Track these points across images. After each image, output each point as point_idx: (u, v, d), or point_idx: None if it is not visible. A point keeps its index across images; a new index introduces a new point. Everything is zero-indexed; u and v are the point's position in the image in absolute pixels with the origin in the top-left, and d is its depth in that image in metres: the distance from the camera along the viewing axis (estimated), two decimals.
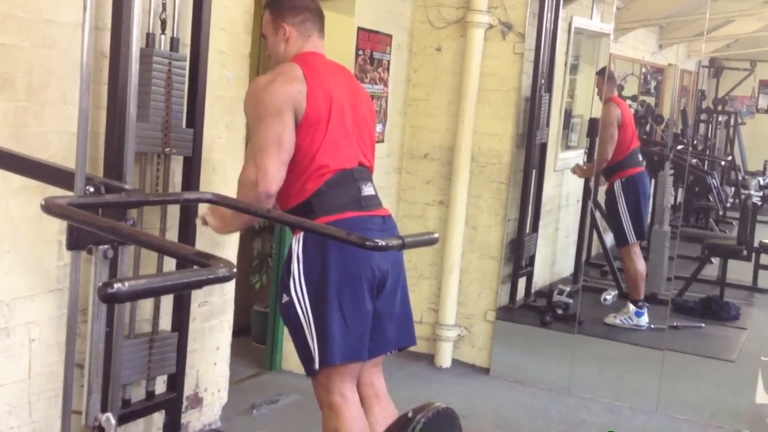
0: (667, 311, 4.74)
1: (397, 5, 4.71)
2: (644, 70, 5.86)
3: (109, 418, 2.18)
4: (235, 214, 2.73)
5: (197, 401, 3.52)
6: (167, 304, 3.15)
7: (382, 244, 2.20)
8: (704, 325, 5.01)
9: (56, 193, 2.20)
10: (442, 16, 4.78)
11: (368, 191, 2.74)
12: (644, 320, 4.95)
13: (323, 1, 3.00)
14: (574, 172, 5.28)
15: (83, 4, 2.17)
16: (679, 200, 5.49)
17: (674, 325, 4.84)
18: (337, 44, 3.98)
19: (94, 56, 2.52)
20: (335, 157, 2.67)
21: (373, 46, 4.47)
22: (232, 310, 3.66)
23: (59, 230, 2.64)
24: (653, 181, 5.41)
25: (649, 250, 5.24)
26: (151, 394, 3.11)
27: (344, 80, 2.84)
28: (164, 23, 2.92)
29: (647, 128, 5.68)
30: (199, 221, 2.88)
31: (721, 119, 6.13)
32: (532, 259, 5.09)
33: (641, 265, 5.12)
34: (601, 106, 5.09)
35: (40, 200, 1.92)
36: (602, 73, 5.05)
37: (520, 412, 4.26)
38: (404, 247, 2.28)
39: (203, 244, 3.22)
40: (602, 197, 5.25)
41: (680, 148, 5.60)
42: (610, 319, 5.01)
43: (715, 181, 5.96)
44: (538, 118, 4.77)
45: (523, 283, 5.06)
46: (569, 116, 5.50)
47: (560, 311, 4.93)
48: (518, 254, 4.92)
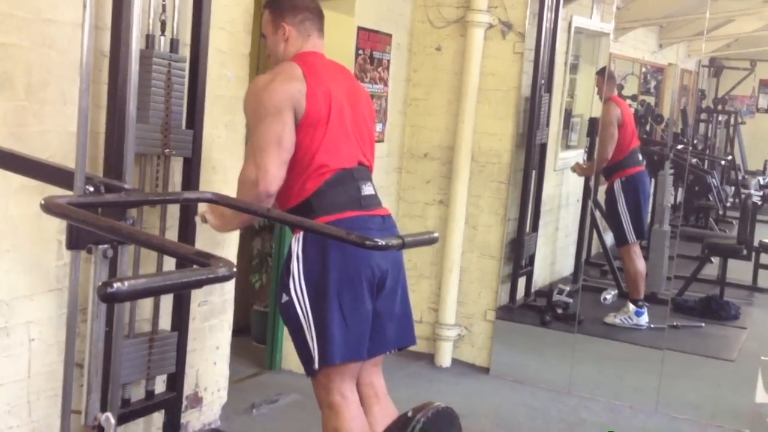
0: (666, 311, 4.73)
1: (396, 5, 4.71)
2: (644, 69, 5.86)
3: (108, 417, 2.18)
4: (234, 212, 2.73)
5: (197, 401, 3.52)
6: (167, 303, 3.15)
7: (381, 243, 2.20)
8: (704, 324, 5.01)
9: (56, 192, 2.19)
10: (442, 15, 4.78)
11: (368, 191, 2.74)
12: (644, 320, 4.94)
13: (323, 0, 3.00)
14: (573, 170, 5.28)
15: (83, 3, 2.16)
16: (679, 200, 5.48)
17: (674, 324, 4.84)
18: (337, 44, 3.98)
19: (93, 56, 2.52)
20: (335, 156, 2.67)
21: (373, 45, 4.47)
22: (231, 309, 3.66)
23: (59, 230, 2.64)
24: (653, 180, 5.41)
25: (649, 249, 5.23)
26: (150, 393, 3.11)
27: (344, 80, 2.84)
28: (164, 24, 2.93)
29: (647, 128, 5.68)
30: (198, 219, 2.88)
31: (721, 119, 6.13)
32: (532, 258, 5.09)
33: (641, 264, 5.12)
34: (601, 105, 5.09)
35: (39, 200, 1.92)
36: (602, 72, 5.04)
37: (519, 411, 4.26)
38: (404, 246, 2.28)
39: (203, 243, 3.22)
40: (602, 197, 5.25)
41: (680, 147, 5.60)
42: (609, 318, 5.01)
43: (715, 180, 5.96)
44: (538, 117, 4.77)
45: (523, 282, 5.06)
46: (569, 116, 5.50)
47: (560, 311, 4.93)
48: (518, 254, 4.92)
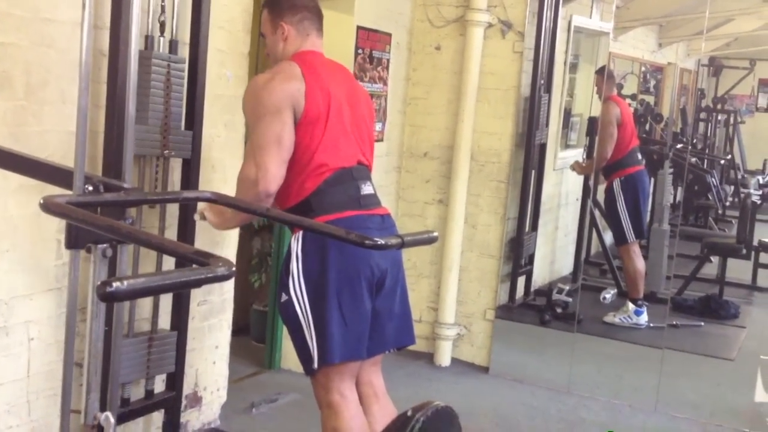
0: (666, 310, 4.74)
1: (396, 4, 4.70)
2: (644, 68, 5.86)
3: (108, 417, 2.18)
4: (234, 210, 2.73)
5: (196, 400, 3.52)
6: (166, 303, 3.15)
7: (381, 242, 2.19)
8: (703, 323, 5.01)
9: (55, 192, 2.19)
10: (441, 14, 4.78)
11: (367, 190, 2.74)
12: (643, 319, 4.95)
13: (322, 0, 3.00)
14: (573, 169, 5.28)
15: (82, 2, 2.16)
16: (678, 199, 5.49)
17: (673, 323, 4.84)
18: (336, 43, 3.98)
19: (93, 55, 2.52)
20: (334, 155, 2.67)
21: (372, 44, 4.47)
22: (231, 309, 3.66)
23: (58, 229, 2.64)
24: (653, 179, 5.40)
25: (648, 248, 5.24)
26: (150, 393, 3.11)
27: (343, 79, 2.83)
28: (163, 25, 2.93)
29: (647, 127, 5.68)
30: (197, 216, 2.88)
31: (720, 118, 6.13)
32: (531, 257, 5.09)
33: (640, 263, 5.13)
34: (600, 104, 5.09)
35: (38, 199, 1.92)
36: (601, 71, 5.04)
37: (519, 410, 4.26)
38: (403, 245, 2.28)
39: (202, 242, 3.22)
40: (602, 196, 5.25)
41: (680, 146, 5.60)
42: (609, 317, 5.01)
43: (714, 179, 5.96)
44: (537, 117, 4.77)
45: (522, 281, 5.06)
46: (569, 115, 5.50)
47: (559, 310, 4.93)
48: (517, 253, 4.92)
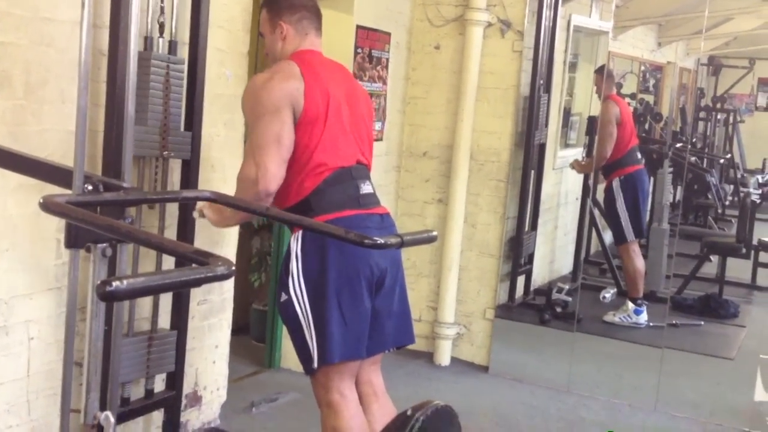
0: (666, 309, 4.74)
1: (395, 3, 4.70)
2: (643, 68, 5.86)
3: (108, 416, 2.18)
4: (233, 209, 2.73)
5: (196, 399, 3.52)
6: (166, 302, 3.15)
7: (380, 242, 2.19)
8: (703, 322, 5.00)
9: (55, 191, 2.19)
10: (440, 14, 4.78)
11: (366, 189, 2.74)
12: (643, 318, 4.95)
13: None
14: (572, 167, 5.28)
15: (81, 1, 2.16)
16: (678, 198, 5.48)
17: (673, 322, 4.84)
18: (336, 42, 3.98)
19: (92, 54, 2.52)
20: (333, 155, 2.66)
21: (371, 44, 4.47)
22: (231, 308, 3.66)
23: (58, 228, 2.63)
24: (652, 179, 5.40)
25: (648, 247, 5.24)
26: (150, 392, 3.11)
27: (342, 78, 2.83)
28: (162, 27, 2.93)
29: (646, 126, 5.68)
30: (196, 213, 2.88)
31: (720, 117, 6.12)
32: (531, 257, 5.09)
33: (640, 263, 5.13)
34: (599, 104, 5.09)
35: (38, 198, 1.92)
36: (601, 71, 5.04)
37: (519, 410, 4.26)
38: (403, 245, 2.28)
39: (202, 242, 3.22)
40: (601, 195, 5.25)
41: (679, 146, 5.60)
42: (609, 317, 5.02)
43: (714, 179, 5.96)
44: (537, 117, 4.77)
45: (522, 281, 5.06)
46: (568, 114, 5.49)
47: (559, 309, 4.93)
48: (517, 252, 4.92)
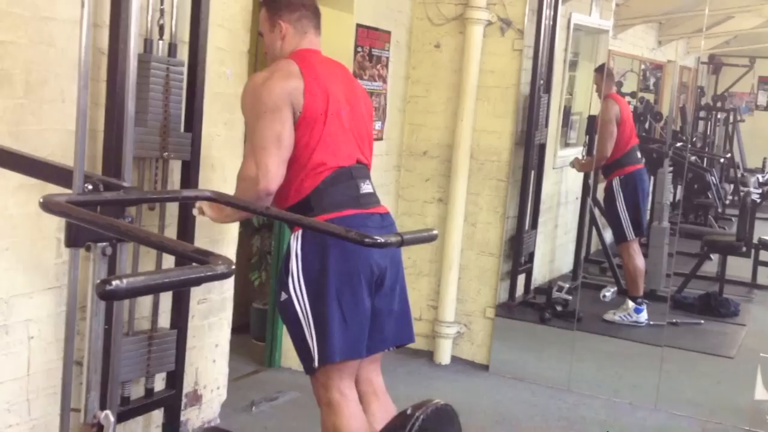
0: (666, 308, 4.74)
1: (395, 2, 4.70)
2: (643, 66, 5.85)
3: (108, 415, 2.18)
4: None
5: (196, 398, 3.52)
6: (166, 301, 3.15)
7: (380, 241, 2.20)
8: (703, 321, 5.00)
9: (55, 190, 2.20)
10: (441, 12, 4.78)
11: (366, 189, 2.73)
12: (643, 317, 4.94)
13: None
14: (572, 166, 5.28)
15: (81, 1, 2.16)
16: (678, 197, 5.48)
17: (673, 321, 4.84)
18: (335, 41, 3.98)
19: (92, 53, 2.52)
20: (333, 154, 2.66)
21: (371, 42, 4.47)
22: (231, 307, 3.66)
23: (58, 228, 2.64)
24: (652, 178, 5.40)
25: (648, 246, 5.23)
26: (150, 391, 3.11)
27: (342, 77, 2.83)
28: (162, 29, 2.93)
29: (646, 125, 5.67)
30: (195, 211, 2.88)
31: (720, 116, 6.12)
32: (531, 256, 5.09)
33: (640, 261, 5.12)
34: (600, 103, 5.09)
35: (38, 198, 1.93)
36: (601, 69, 5.03)
37: (519, 408, 4.27)
38: (403, 244, 2.28)
39: (202, 241, 3.23)
40: (601, 194, 5.24)
41: (679, 145, 5.59)
42: (609, 315, 5.01)
43: (714, 178, 5.95)
44: (537, 116, 4.77)
45: (522, 280, 5.06)
46: (568, 113, 5.49)
47: (559, 308, 4.93)
48: (517, 251, 4.92)
